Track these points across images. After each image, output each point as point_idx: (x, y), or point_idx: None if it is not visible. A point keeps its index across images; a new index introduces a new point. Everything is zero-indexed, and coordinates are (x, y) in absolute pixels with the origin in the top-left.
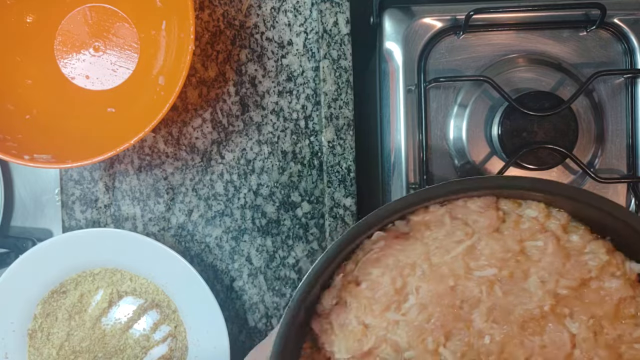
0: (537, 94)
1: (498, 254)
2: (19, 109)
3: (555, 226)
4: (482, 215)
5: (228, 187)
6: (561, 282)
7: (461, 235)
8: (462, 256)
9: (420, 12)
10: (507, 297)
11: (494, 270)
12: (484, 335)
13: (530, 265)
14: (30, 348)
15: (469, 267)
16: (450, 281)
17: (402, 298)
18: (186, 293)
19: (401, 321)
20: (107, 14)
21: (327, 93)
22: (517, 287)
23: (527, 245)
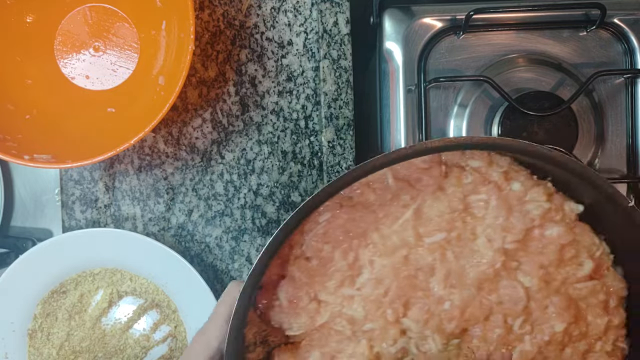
0: (537, 94)
1: (445, 215)
2: (19, 109)
3: (497, 175)
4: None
5: (228, 187)
6: (507, 237)
7: (407, 199)
8: (411, 222)
9: (420, 12)
10: (459, 260)
11: (442, 234)
12: (444, 301)
13: (476, 224)
14: (30, 348)
15: (419, 234)
16: (403, 251)
17: (355, 272)
18: (186, 293)
19: (356, 296)
20: (107, 14)
21: (327, 93)
22: (467, 248)
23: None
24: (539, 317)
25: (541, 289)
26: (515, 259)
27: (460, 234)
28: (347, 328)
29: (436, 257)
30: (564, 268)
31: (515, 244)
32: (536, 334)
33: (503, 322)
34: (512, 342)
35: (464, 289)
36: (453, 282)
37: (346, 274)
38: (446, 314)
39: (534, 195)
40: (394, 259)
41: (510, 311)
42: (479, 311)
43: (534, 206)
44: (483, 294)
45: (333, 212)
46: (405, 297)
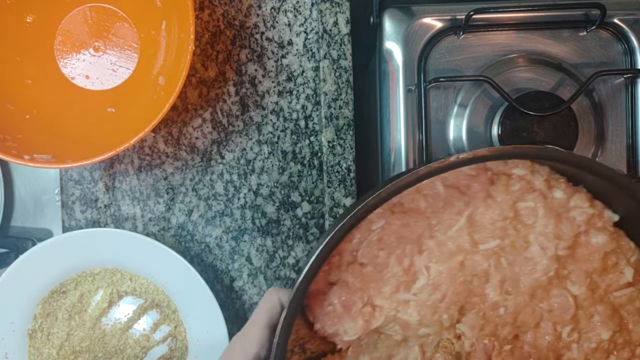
0: (537, 94)
1: (498, 223)
2: (19, 109)
3: (540, 183)
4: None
5: (228, 187)
6: (560, 244)
7: (460, 206)
8: (467, 229)
9: (420, 12)
10: (512, 267)
11: (496, 241)
12: (499, 307)
13: (528, 232)
14: (30, 348)
15: (474, 241)
16: (459, 257)
17: (410, 278)
18: (186, 293)
19: (412, 301)
20: (107, 14)
21: (327, 93)
22: (521, 256)
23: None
24: (586, 325)
25: (587, 298)
26: (565, 267)
27: (513, 241)
28: (398, 333)
29: (491, 264)
30: (607, 276)
31: (566, 250)
32: (583, 342)
33: (553, 329)
34: (560, 350)
35: (518, 295)
36: (508, 288)
37: (401, 280)
38: (500, 319)
39: (577, 202)
40: (450, 264)
41: (559, 319)
42: (530, 318)
43: (578, 212)
44: (535, 302)
45: (386, 219)
46: (461, 303)
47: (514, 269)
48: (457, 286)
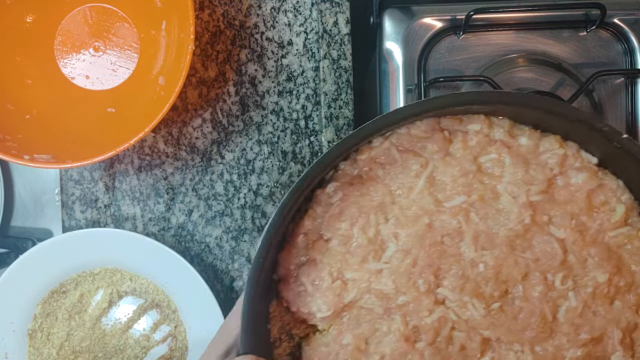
0: (537, 94)
1: (460, 179)
2: (19, 109)
3: (501, 134)
4: (429, 140)
5: (228, 187)
6: (531, 189)
7: (416, 168)
8: (427, 190)
9: (420, 12)
10: (485, 221)
11: (462, 197)
12: (477, 264)
13: (495, 183)
14: (30, 348)
15: (437, 200)
16: (425, 219)
17: (378, 247)
18: (186, 293)
19: (385, 269)
20: (107, 14)
21: (327, 93)
22: (492, 208)
23: (482, 161)
24: (580, 271)
25: (577, 241)
26: (545, 213)
27: (481, 194)
28: (377, 305)
29: (460, 220)
30: (598, 215)
31: (540, 195)
32: (579, 288)
33: (543, 279)
34: (556, 300)
35: (495, 249)
36: (483, 243)
37: (369, 249)
38: (482, 276)
39: (546, 145)
40: (417, 227)
41: (548, 267)
42: (515, 270)
43: (549, 155)
44: (517, 253)
45: (343, 191)
46: (436, 265)
47: (487, 222)
48: (427, 248)
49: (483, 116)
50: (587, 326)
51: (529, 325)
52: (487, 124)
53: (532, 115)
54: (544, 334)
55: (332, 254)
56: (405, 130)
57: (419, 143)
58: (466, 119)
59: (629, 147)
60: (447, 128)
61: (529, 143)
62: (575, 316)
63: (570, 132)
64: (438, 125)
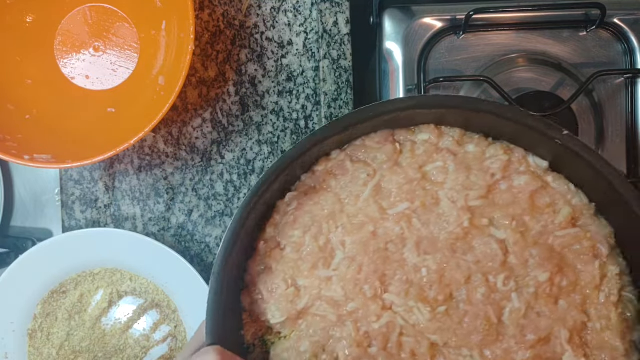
0: (537, 94)
1: (404, 187)
2: (19, 109)
3: (449, 143)
4: (380, 150)
5: (228, 187)
6: (470, 194)
7: (364, 177)
8: (373, 198)
9: (420, 12)
10: (427, 226)
11: (405, 204)
12: (419, 269)
13: (437, 189)
14: (30, 348)
15: (382, 208)
16: (370, 227)
17: (327, 255)
18: (186, 293)
19: (334, 277)
20: (107, 14)
21: (327, 93)
22: (433, 214)
23: (428, 169)
24: (522, 271)
25: (518, 242)
26: (485, 216)
27: (423, 201)
28: (330, 312)
29: (403, 227)
30: (542, 216)
31: (480, 200)
32: (522, 288)
33: (485, 281)
34: (499, 302)
35: (437, 253)
36: (425, 248)
37: (319, 256)
38: (425, 280)
39: (491, 152)
40: (361, 235)
41: (489, 269)
42: (458, 273)
43: (492, 161)
44: (458, 255)
45: (299, 200)
46: (380, 271)
47: (429, 227)
48: (371, 255)
49: (433, 126)
50: (533, 327)
51: (475, 329)
52: (436, 134)
53: (482, 122)
54: (491, 337)
55: (286, 261)
56: (360, 142)
57: (372, 154)
58: (417, 130)
59: (570, 143)
60: (399, 140)
61: (475, 150)
62: (520, 317)
63: (520, 136)
64: (392, 137)
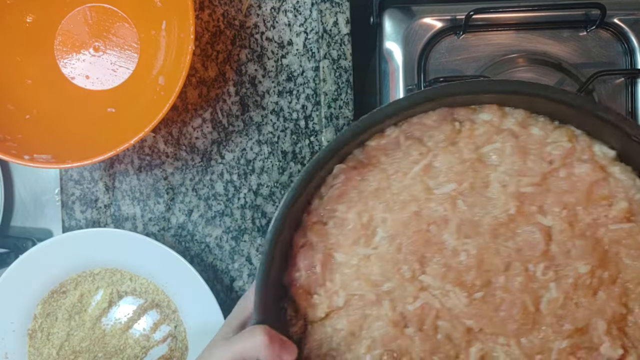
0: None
1: (456, 167)
2: (19, 109)
3: (512, 123)
4: (437, 129)
5: (228, 187)
6: (523, 180)
7: (416, 155)
8: (420, 177)
9: (420, 12)
10: (472, 209)
11: (453, 184)
12: (458, 252)
13: (489, 172)
14: (30, 348)
15: (428, 187)
16: (413, 206)
17: (369, 232)
18: (186, 293)
19: (372, 255)
20: (107, 14)
21: (327, 93)
22: (481, 197)
23: (484, 151)
24: (562, 261)
25: (564, 231)
26: (534, 203)
27: (472, 183)
28: (367, 291)
29: (447, 208)
30: (595, 208)
31: (532, 187)
32: (560, 279)
33: (524, 269)
34: (537, 291)
35: (478, 237)
36: (466, 231)
37: (360, 233)
38: (463, 265)
39: (555, 137)
40: (404, 214)
41: (529, 257)
42: (498, 260)
43: (554, 147)
44: (499, 242)
45: (347, 173)
46: (420, 253)
47: (473, 210)
48: (412, 236)
49: (496, 106)
50: (570, 317)
51: (511, 317)
52: (499, 114)
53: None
54: (527, 326)
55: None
56: (417, 120)
57: (428, 132)
58: (479, 109)
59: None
60: (459, 118)
61: (539, 133)
62: (557, 307)
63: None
64: (450, 116)
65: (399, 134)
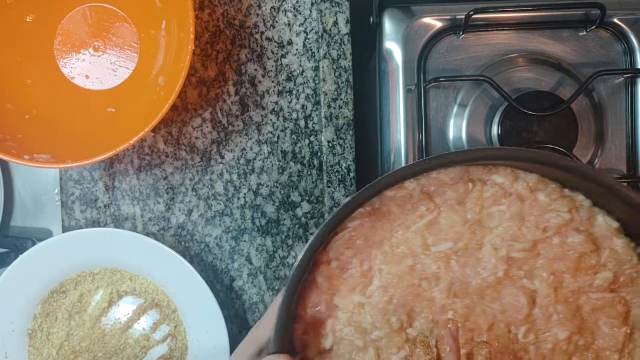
0: (537, 94)
1: (457, 227)
2: (19, 109)
3: (522, 187)
4: (452, 187)
5: (228, 187)
6: (514, 246)
7: (423, 210)
8: (422, 232)
9: (420, 12)
10: (464, 269)
11: (450, 244)
12: (447, 310)
13: (485, 234)
14: (30, 348)
15: (426, 244)
16: (409, 261)
17: (367, 281)
18: (186, 293)
19: (366, 304)
20: (107, 14)
21: (327, 93)
22: (473, 258)
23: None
24: (543, 326)
25: (549, 296)
26: (523, 268)
27: (467, 244)
28: (357, 338)
29: (441, 267)
30: (582, 277)
31: (523, 253)
32: (540, 343)
33: (507, 331)
34: (517, 352)
35: (466, 297)
36: (457, 290)
37: (359, 281)
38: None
39: (557, 206)
40: (400, 267)
41: (513, 320)
42: (482, 320)
43: (553, 216)
44: (486, 303)
45: (362, 219)
46: (409, 306)
47: (465, 271)
48: (404, 289)
49: (510, 170)
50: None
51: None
52: (511, 178)
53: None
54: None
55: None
56: (436, 175)
57: (442, 189)
58: (494, 170)
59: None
60: (474, 177)
61: (545, 200)
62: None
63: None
64: (467, 175)
65: (416, 187)
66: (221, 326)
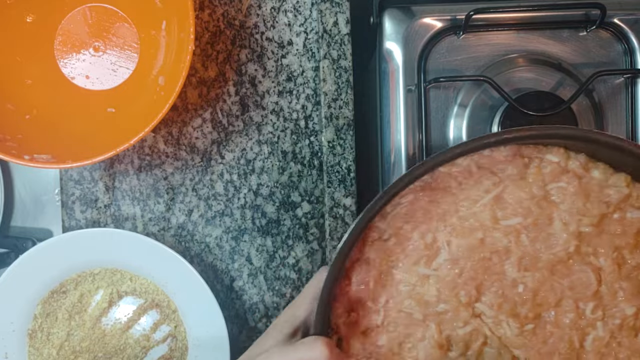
0: (537, 94)
1: (524, 202)
2: (19, 109)
3: (576, 166)
4: (511, 163)
5: (228, 187)
6: (583, 220)
7: (489, 184)
8: (490, 205)
9: (420, 12)
10: (534, 244)
11: (519, 218)
12: (517, 284)
13: (553, 210)
14: (30, 348)
15: (495, 217)
16: (479, 234)
17: (432, 253)
18: (186, 293)
19: (432, 276)
20: (107, 14)
21: (327, 93)
22: (543, 233)
23: (550, 188)
24: (610, 302)
25: (613, 272)
26: (590, 244)
27: (536, 218)
28: (416, 310)
29: (511, 240)
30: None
31: (591, 227)
32: (607, 319)
33: (575, 307)
34: (584, 328)
35: (537, 272)
36: (527, 265)
37: (422, 253)
38: (519, 297)
39: (614, 181)
40: (470, 240)
41: (581, 295)
42: (551, 295)
43: (614, 191)
44: (555, 278)
45: (415, 194)
46: (479, 280)
47: (534, 245)
48: (475, 262)
49: (563, 149)
50: (612, 357)
51: (557, 350)
52: (564, 157)
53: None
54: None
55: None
56: (488, 153)
57: (499, 165)
58: (545, 149)
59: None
60: (527, 155)
61: (600, 177)
62: (602, 346)
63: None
64: (519, 152)
65: (470, 163)
66: (221, 326)
